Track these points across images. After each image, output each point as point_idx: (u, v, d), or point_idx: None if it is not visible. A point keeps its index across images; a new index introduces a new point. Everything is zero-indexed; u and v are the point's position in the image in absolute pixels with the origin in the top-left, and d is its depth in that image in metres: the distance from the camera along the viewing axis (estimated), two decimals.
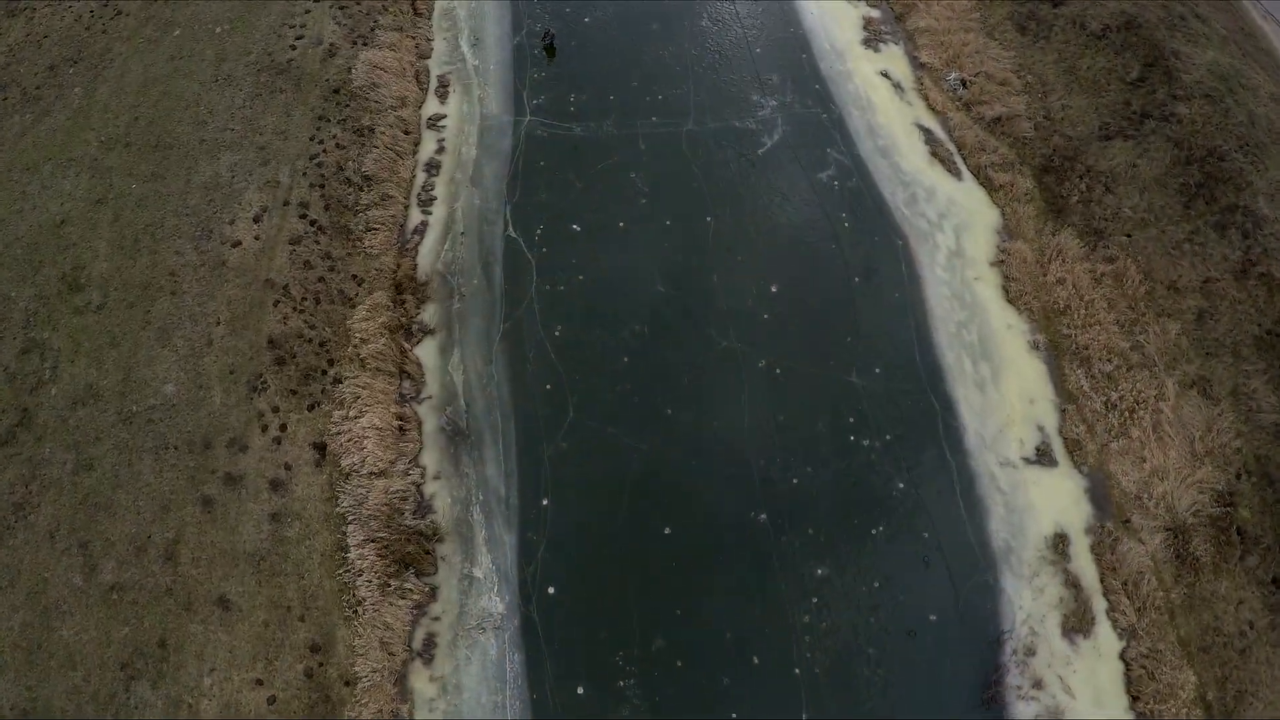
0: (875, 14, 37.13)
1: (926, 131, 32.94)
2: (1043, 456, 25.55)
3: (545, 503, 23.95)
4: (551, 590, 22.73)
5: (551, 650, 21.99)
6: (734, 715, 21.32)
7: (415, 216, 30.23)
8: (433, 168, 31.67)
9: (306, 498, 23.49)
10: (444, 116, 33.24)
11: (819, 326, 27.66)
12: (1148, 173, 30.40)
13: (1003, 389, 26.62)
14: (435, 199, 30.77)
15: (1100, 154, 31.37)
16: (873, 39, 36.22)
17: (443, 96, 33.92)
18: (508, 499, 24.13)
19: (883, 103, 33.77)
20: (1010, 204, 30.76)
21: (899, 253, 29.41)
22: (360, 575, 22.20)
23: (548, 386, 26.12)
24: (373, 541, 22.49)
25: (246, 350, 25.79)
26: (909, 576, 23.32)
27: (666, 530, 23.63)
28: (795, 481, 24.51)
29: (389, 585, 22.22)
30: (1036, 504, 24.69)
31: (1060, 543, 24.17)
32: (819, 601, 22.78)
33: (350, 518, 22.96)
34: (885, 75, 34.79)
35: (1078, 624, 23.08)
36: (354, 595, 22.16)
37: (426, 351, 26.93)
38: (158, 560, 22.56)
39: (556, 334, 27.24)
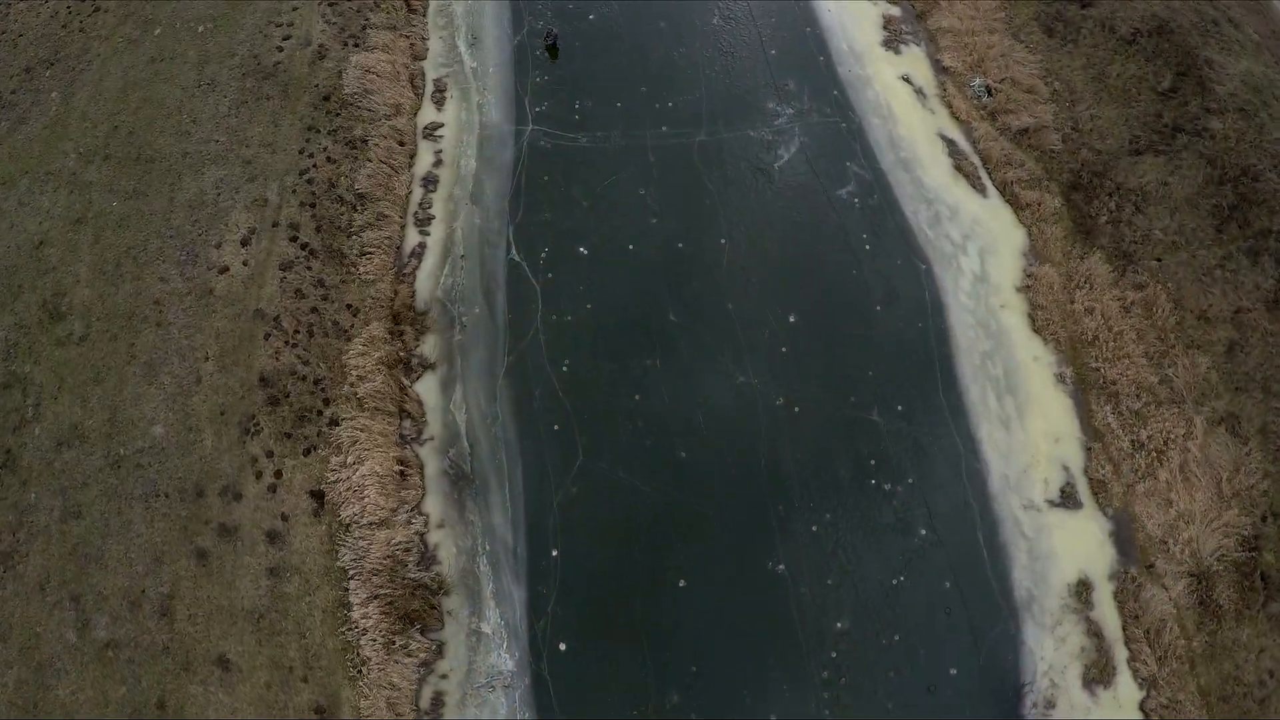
0: (895, 12, 35.18)
1: (950, 143, 31.39)
2: (1067, 499, 24.79)
3: (555, 554, 23.09)
4: (563, 646, 22.01)
5: (564, 709, 21.37)
6: None
7: (412, 238, 28.66)
8: (430, 183, 29.97)
9: (305, 550, 22.56)
10: (441, 125, 31.40)
11: (839, 360, 26.53)
12: (1179, 192, 29.09)
13: (1028, 426, 25.71)
14: (433, 218, 29.15)
15: (1130, 170, 29.99)
16: (893, 40, 34.38)
17: (439, 103, 32.03)
18: (515, 549, 23.25)
19: (904, 111, 32.11)
20: (1037, 224, 29.45)
21: (922, 278, 28.15)
22: (364, 634, 21.39)
23: (555, 426, 25.02)
24: (376, 598, 21.64)
25: (237, 389, 24.57)
26: (929, 628, 22.70)
27: (681, 583, 22.85)
28: (814, 529, 23.69)
29: (394, 643, 21.45)
30: (1060, 549, 24.00)
31: (1083, 590, 23.55)
32: (838, 656, 22.17)
33: (352, 572, 22.07)
34: (906, 80, 33.06)
35: (1099, 674, 22.61)
36: (358, 654, 21.39)
37: (427, 388, 25.71)
38: (153, 616, 21.71)
39: (564, 368, 26.05)
